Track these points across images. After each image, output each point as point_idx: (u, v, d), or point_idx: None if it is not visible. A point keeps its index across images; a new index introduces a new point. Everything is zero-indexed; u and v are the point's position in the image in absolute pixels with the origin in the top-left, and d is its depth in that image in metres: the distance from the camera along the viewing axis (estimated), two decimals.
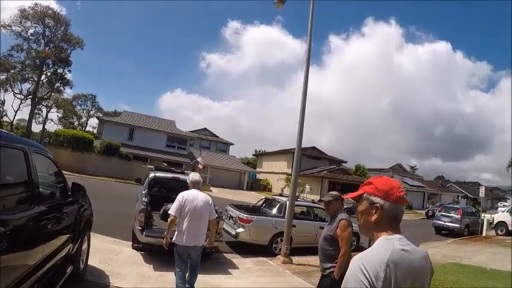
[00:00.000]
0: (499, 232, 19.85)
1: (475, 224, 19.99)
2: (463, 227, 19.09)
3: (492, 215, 21.15)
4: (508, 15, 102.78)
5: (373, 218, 1.42)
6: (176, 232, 4.58)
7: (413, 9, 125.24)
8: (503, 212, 21.81)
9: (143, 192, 7.84)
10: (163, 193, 8.71)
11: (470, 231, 19.45)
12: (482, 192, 21.27)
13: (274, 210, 9.89)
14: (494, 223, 20.16)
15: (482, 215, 20.56)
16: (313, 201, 11.62)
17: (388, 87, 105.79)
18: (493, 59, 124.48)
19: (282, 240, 8.63)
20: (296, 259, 8.52)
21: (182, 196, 4.60)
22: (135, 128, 38.24)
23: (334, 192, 4.00)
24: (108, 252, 6.71)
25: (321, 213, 10.43)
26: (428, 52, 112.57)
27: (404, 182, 46.86)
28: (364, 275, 1.22)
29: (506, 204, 48.52)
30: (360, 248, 11.65)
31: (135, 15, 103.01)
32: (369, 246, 1.47)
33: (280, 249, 8.59)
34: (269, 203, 10.89)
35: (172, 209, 4.52)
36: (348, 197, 1.64)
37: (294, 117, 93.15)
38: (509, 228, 19.31)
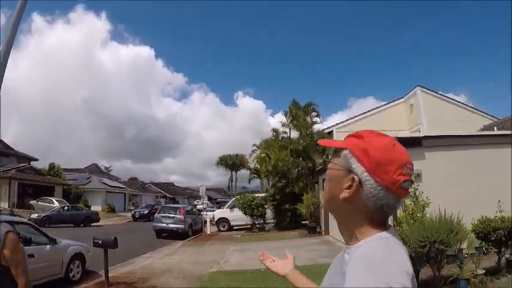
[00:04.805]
0: (221, 228, 21.12)
1: (197, 223, 20.51)
2: (187, 227, 18.84)
3: (212, 213, 22.34)
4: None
5: (343, 195, 0.81)
6: None
7: (128, 9, 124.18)
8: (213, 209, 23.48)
9: None
10: None
11: (193, 230, 19.57)
12: (202, 191, 22.10)
13: None
14: (216, 220, 21.22)
15: (204, 213, 21.24)
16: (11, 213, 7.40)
17: (84, 81, 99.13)
18: (189, 72, 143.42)
19: None
20: None
21: None
22: None
23: None
24: None
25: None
26: (131, 54, 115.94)
27: (104, 183, 44.34)
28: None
29: (203, 202, 55.72)
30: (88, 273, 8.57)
31: None
32: None
33: None
34: None
35: None
36: (330, 144, 0.91)
37: None
38: (231, 223, 20.81)
